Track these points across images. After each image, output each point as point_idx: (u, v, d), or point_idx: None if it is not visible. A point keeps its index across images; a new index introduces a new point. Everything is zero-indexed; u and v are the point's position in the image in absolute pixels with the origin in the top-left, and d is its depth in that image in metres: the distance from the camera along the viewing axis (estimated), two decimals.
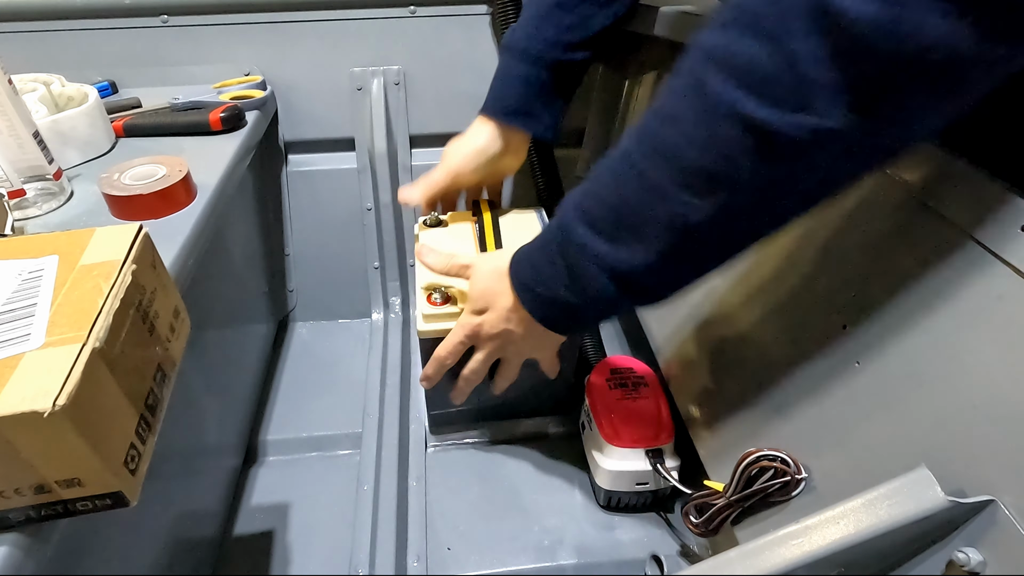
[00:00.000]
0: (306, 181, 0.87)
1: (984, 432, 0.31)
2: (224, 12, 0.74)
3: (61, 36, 0.73)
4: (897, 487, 0.33)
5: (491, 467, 0.72)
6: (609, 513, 0.66)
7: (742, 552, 0.38)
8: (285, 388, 0.84)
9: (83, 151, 0.61)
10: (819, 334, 0.43)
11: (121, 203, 0.51)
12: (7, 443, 0.25)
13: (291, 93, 0.80)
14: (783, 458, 0.43)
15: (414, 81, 0.81)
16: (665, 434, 0.61)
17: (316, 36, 0.77)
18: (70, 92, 0.64)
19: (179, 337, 0.37)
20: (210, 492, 0.65)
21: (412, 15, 0.76)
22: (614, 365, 0.69)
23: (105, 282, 0.30)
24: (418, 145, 0.87)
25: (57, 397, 0.24)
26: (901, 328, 0.36)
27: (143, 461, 0.30)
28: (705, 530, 0.50)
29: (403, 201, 0.67)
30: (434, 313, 0.62)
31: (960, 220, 0.33)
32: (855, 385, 0.39)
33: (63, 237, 0.34)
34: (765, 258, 0.50)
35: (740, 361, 0.52)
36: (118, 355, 0.28)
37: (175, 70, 0.77)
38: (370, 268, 0.92)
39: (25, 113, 0.50)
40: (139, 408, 0.30)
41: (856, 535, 0.34)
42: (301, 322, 0.96)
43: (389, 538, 0.63)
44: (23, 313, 0.29)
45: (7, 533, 0.28)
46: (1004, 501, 0.30)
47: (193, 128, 0.67)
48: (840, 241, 0.42)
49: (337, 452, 0.76)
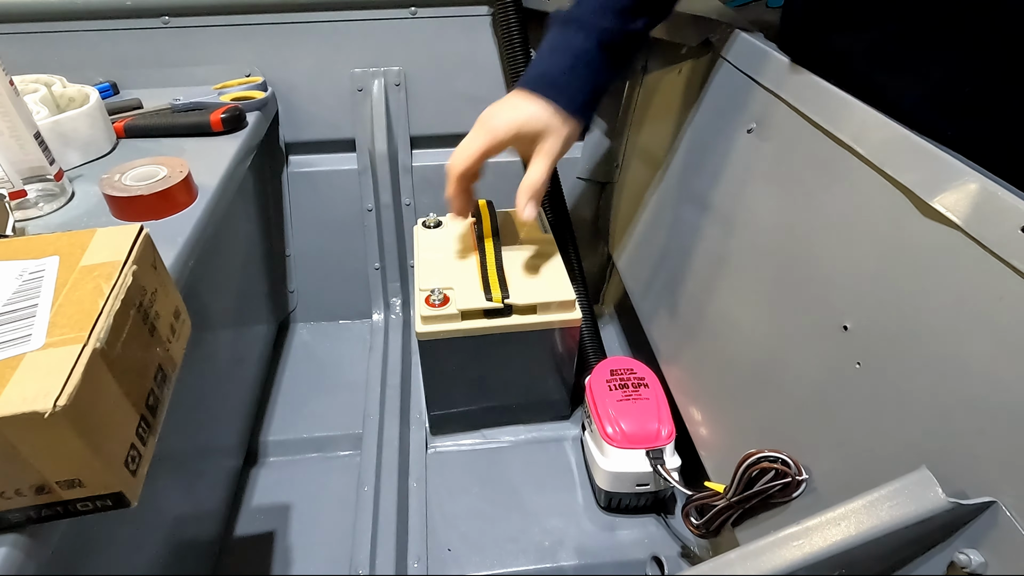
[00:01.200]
0: (307, 182, 0.87)
1: (985, 433, 0.31)
2: (225, 13, 0.74)
3: (62, 37, 0.73)
4: (898, 488, 0.33)
5: (491, 468, 0.72)
6: (610, 514, 0.66)
7: (743, 553, 0.38)
8: (286, 389, 0.84)
9: (84, 152, 0.61)
10: (820, 335, 0.43)
11: (122, 204, 0.51)
12: (8, 444, 0.25)
13: (292, 94, 0.81)
14: (784, 459, 0.43)
15: (415, 82, 0.81)
16: (665, 435, 0.61)
17: (317, 37, 0.77)
18: (71, 93, 0.64)
19: (180, 338, 0.37)
20: (211, 493, 0.65)
21: (413, 16, 0.76)
22: (614, 366, 0.69)
23: (106, 283, 0.30)
24: (419, 146, 0.87)
25: (58, 398, 0.24)
26: (902, 329, 0.36)
27: (144, 462, 0.30)
28: (706, 531, 0.50)
29: (452, 193, 0.58)
30: (432, 314, 0.62)
31: (960, 220, 0.33)
32: (856, 386, 0.39)
33: (64, 238, 0.34)
34: (765, 259, 0.50)
35: (741, 362, 0.52)
36: (119, 356, 0.28)
37: (176, 71, 0.77)
38: (371, 269, 0.92)
39: (26, 114, 0.50)
40: (140, 409, 0.30)
41: (857, 536, 0.33)
42: (302, 323, 0.96)
43: (389, 539, 0.63)
44: (24, 314, 0.29)
45: (8, 534, 0.28)
46: (1005, 502, 0.29)
47: (194, 129, 0.67)
48: (840, 242, 0.42)
49: (338, 453, 0.76)
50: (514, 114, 0.53)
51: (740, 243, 0.54)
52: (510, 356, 0.67)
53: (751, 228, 0.52)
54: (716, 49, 0.62)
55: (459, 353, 0.65)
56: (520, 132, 0.53)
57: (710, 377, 0.57)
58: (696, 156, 0.63)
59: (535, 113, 0.52)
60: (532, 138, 0.53)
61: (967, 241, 0.32)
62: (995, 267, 0.31)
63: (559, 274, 0.66)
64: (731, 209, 0.56)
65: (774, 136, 0.51)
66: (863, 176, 0.40)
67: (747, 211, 0.53)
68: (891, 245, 0.38)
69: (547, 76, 0.53)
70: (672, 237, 0.67)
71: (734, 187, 0.56)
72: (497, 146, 0.54)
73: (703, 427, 0.57)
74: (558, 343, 0.67)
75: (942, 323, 0.34)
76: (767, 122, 0.52)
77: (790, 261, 0.47)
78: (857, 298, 0.40)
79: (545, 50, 0.54)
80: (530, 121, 0.53)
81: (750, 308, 0.52)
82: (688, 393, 0.61)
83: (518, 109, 0.53)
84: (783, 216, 0.48)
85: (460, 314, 0.62)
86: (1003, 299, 0.30)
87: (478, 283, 0.64)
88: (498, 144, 0.54)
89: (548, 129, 0.53)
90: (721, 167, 0.57)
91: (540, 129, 0.53)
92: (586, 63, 0.52)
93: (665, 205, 0.69)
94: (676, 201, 0.67)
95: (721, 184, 0.57)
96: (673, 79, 0.71)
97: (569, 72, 0.53)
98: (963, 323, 0.32)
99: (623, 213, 0.83)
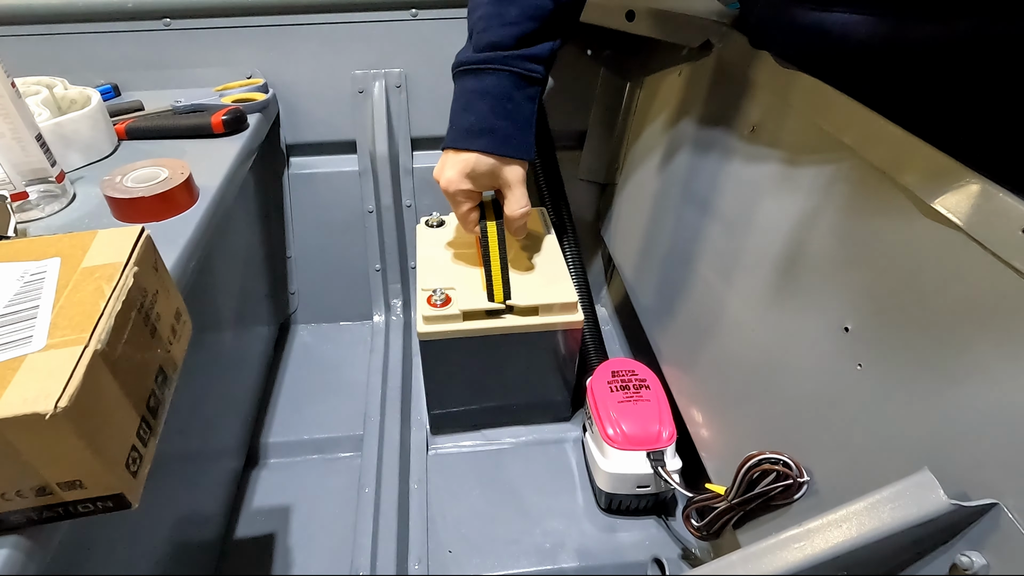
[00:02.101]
0: (308, 184, 0.87)
1: (987, 435, 0.31)
2: (226, 15, 0.74)
3: (64, 39, 0.73)
4: (900, 490, 0.33)
5: (492, 470, 0.72)
6: (610, 516, 0.66)
7: (744, 555, 0.37)
8: (286, 390, 0.84)
9: (85, 154, 0.61)
10: (821, 336, 0.43)
11: (123, 206, 0.51)
12: (8, 445, 0.25)
13: (293, 96, 0.81)
14: (785, 461, 0.43)
15: (415, 84, 0.81)
16: (666, 437, 0.61)
17: (318, 39, 0.77)
18: (73, 95, 0.64)
19: (181, 339, 0.37)
20: (211, 494, 0.65)
21: (413, 18, 0.76)
22: (616, 367, 0.69)
23: (107, 284, 0.30)
24: (419, 148, 0.87)
25: (59, 399, 0.24)
26: (903, 330, 0.36)
27: (144, 463, 0.30)
28: (706, 533, 0.50)
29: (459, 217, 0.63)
30: (434, 315, 0.62)
31: (961, 221, 0.33)
32: (857, 387, 0.39)
33: (65, 239, 0.34)
34: (766, 260, 0.50)
35: (742, 363, 0.52)
36: (120, 357, 0.28)
37: (177, 73, 0.77)
38: (371, 270, 0.92)
39: (28, 116, 0.50)
40: (141, 410, 0.30)
41: (859, 538, 0.33)
42: (302, 324, 0.96)
43: (390, 541, 0.63)
44: (25, 315, 0.29)
45: (8, 535, 0.28)
46: (1007, 504, 0.29)
47: (195, 131, 0.67)
48: (841, 243, 0.42)
49: (338, 455, 0.76)
50: (457, 171, 0.56)
51: (741, 244, 0.54)
52: (511, 357, 0.67)
53: (752, 229, 0.52)
54: (716, 50, 0.62)
55: (460, 353, 0.65)
56: (474, 184, 0.56)
57: (711, 379, 0.57)
58: (697, 157, 0.63)
59: (476, 164, 0.55)
60: (489, 181, 0.57)
61: (968, 242, 0.32)
62: (996, 268, 0.31)
63: (561, 275, 0.66)
64: (732, 210, 0.56)
65: (774, 137, 0.51)
66: (864, 177, 0.40)
67: (748, 212, 0.53)
68: (892, 246, 0.38)
69: (474, 130, 0.54)
70: (673, 238, 0.67)
71: (735, 188, 0.56)
72: (474, 195, 0.59)
73: (704, 429, 0.57)
74: (560, 344, 0.67)
75: (943, 324, 0.34)
76: (767, 123, 0.52)
77: (791, 262, 0.47)
78: (858, 299, 0.40)
79: (462, 103, 0.55)
80: (476, 170, 0.55)
81: (751, 309, 0.52)
82: (689, 395, 0.61)
83: (456, 168, 0.56)
84: (784, 217, 0.48)
85: (462, 315, 0.62)
86: (1004, 300, 0.30)
87: (480, 283, 0.64)
88: (473, 194, 0.58)
89: (495, 169, 0.55)
90: (722, 168, 0.57)
91: (488, 172, 0.55)
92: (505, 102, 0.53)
93: (666, 206, 0.69)
94: (677, 202, 0.66)
95: (722, 185, 0.57)
96: (673, 80, 0.71)
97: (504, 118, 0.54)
98: (964, 324, 0.32)
99: (624, 214, 0.83)
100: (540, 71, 0.52)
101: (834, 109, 0.44)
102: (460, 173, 0.55)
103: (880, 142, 0.39)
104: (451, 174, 0.55)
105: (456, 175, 0.55)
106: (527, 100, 0.53)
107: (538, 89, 0.53)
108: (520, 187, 0.57)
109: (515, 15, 0.50)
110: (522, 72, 0.51)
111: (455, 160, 0.55)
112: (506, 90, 0.51)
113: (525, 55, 0.51)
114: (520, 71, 0.51)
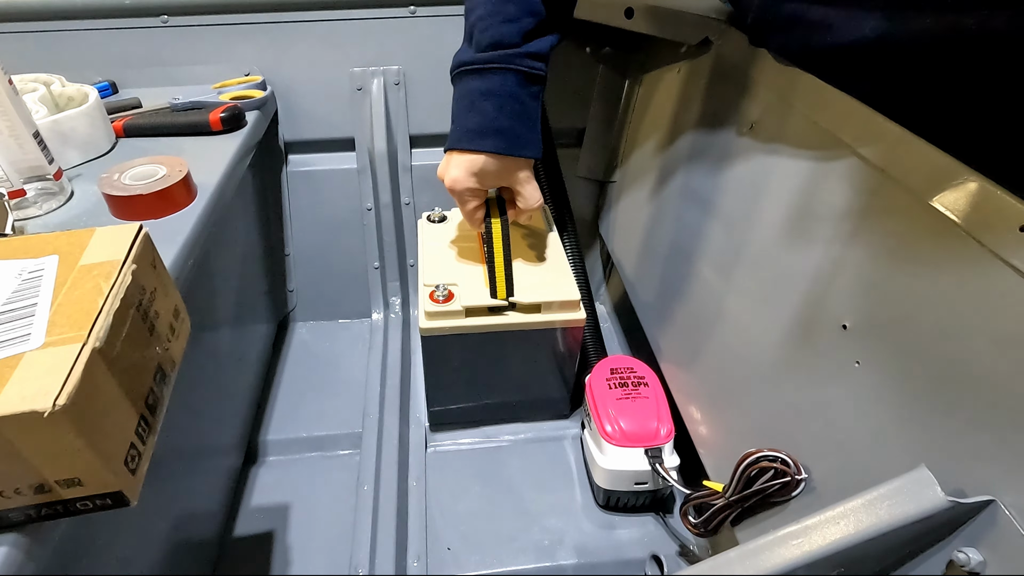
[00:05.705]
0: (306, 181, 0.87)
1: (984, 432, 0.31)
2: (224, 12, 0.74)
3: (61, 36, 0.73)
4: (897, 487, 0.33)
5: (491, 467, 0.72)
6: (609, 513, 0.66)
7: (742, 552, 0.38)
8: (285, 388, 0.84)
9: (83, 151, 0.61)
10: (819, 334, 0.43)
11: (121, 203, 0.51)
12: (7, 443, 0.25)
13: (291, 93, 0.80)
14: (783, 458, 0.43)
15: (414, 81, 0.81)
16: (664, 434, 0.61)
17: (316, 36, 0.77)
18: (70, 92, 0.64)
19: (179, 337, 0.37)
20: (210, 492, 0.65)
21: (412, 15, 0.76)
22: (614, 365, 0.69)
23: (105, 282, 0.30)
24: (418, 145, 0.87)
25: (57, 397, 0.24)
26: (901, 328, 0.36)
27: (143, 461, 0.30)
28: (704, 530, 0.50)
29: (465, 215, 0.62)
30: (436, 310, 0.62)
31: (960, 220, 0.33)
32: (855, 385, 0.39)
33: (63, 237, 0.34)
34: (765, 257, 0.50)
35: (740, 361, 0.52)
36: (118, 355, 0.28)
37: (175, 70, 0.77)
38: (370, 268, 0.92)
39: (25, 113, 0.50)
40: (139, 408, 0.30)
41: (856, 535, 0.34)
42: (301, 322, 0.96)
43: (389, 538, 0.63)
44: (23, 313, 0.29)
45: (7, 533, 0.28)
46: (1004, 501, 0.30)
47: (193, 128, 0.67)
48: (840, 240, 0.42)
49: (337, 452, 0.76)
50: (464, 170, 0.55)
51: (740, 241, 0.54)
52: (512, 354, 0.67)
53: (751, 226, 0.52)
54: (715, 48, 0.62)
55: (461, 349, 0.65)
56: (482, 182, 0.56)
57: (709, 376, 0.57)
58: (696, 155, 0.63)
59: (484, 164, 0.54)
60: (497, 180, 0.57)
61: (967, 240, 0.32)
62: (994, 266, 0.31)
63: (563, 273, 0.66)
64: (731, 207, 0.56)
65: (773, 135, 0.51)
66: (863, 175, 0.40)
67: (746, 209, 0.53)
68: (890, 244, 0.38)
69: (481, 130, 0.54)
70: (672, 236, 0.67)
71: (734, 186, 0.56)
72: (480, 193, 0.59)
73: (702, 426, 0.57)
74: (561, 342, 0.67)
75: (941, 322, 0.34)
76: (766, 121, 0.52)
77: (790, 259, 0.47)
78: (856, 297, 0.40)
79: (466, 104, 0.54)
80: (484, 169, 0.55)
81: (750, 307, 0.52)
82: (687, 392, 0.61)
83: (463, 168, 0.55)
84: (782, 214, 0.48)
85: (464, 311, 0.62)
86: (1002, 298, 0.30)
87: (482, 279, 0.64)
88: (480, 192, 0.58)
89: (504, 168, 0.55)
90: (720, 166, 0.57)
91: (497, 171, 0.55)
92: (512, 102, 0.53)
93: (665, 204, 0.69)
94: (676, 200, 0.67)
95: (721, 183, 0.57)
96: (673, 78, 0.71)
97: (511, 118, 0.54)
98: (962, 322, 0.32)
99: (623, 212, 0.83)
100: (542, 68, 0.52)
101: (833, 107, 0.44)
102: (467, 172, 0.55)
103: (879, 140, 0.39)
104: (457, 173, 0.55)
105: (463, 174, 0.55)
106: (532, 98, 0.53)
107: (541, 87, 0.54)
108: (531, 182, 0.58)
109: (513, 11, 0.50)
110: (526, 71, 0.51)
111: (461, 159, 0.55)
112: (512, 89, 0.51)
113: (528, 53, 0.51)
114: (524, 69, 0.51)
